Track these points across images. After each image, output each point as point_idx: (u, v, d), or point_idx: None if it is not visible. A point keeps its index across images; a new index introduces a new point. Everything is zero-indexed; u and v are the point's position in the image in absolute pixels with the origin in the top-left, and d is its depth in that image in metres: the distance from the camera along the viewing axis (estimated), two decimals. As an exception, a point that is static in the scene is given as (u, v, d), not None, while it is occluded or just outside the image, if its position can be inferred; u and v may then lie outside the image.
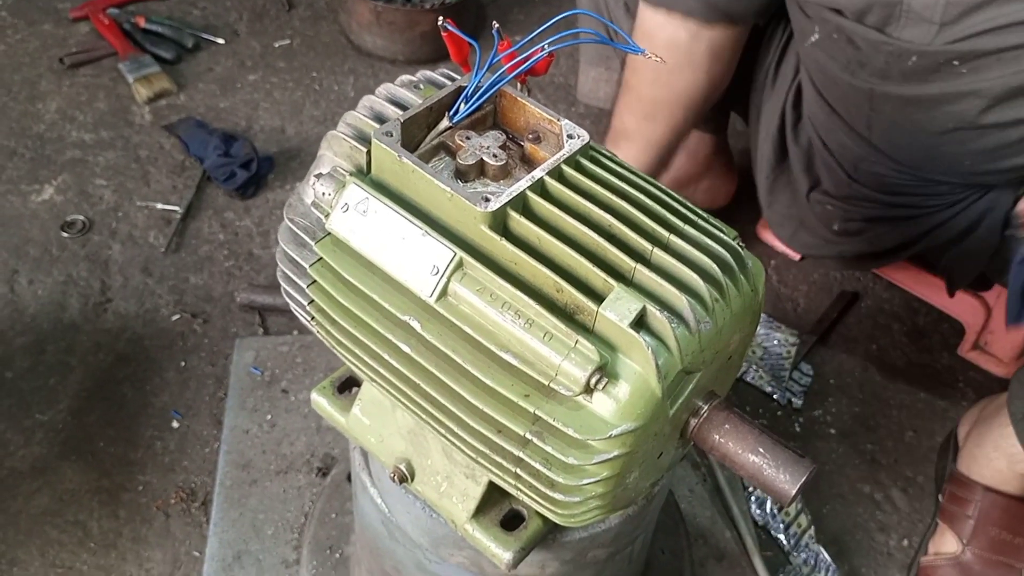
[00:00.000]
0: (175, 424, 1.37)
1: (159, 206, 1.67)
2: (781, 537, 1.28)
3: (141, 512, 1.28)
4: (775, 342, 1.53)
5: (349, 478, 1.10)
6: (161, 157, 1.77)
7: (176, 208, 1.67)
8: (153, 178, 1.73)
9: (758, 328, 1.52)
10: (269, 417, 1.35)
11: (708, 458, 1.33)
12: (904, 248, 1.28)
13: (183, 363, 1.45)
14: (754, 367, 1.48)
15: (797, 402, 1.46)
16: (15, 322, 1.48)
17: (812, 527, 1.30)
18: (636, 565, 1.02)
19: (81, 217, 1.64)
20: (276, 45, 2.04)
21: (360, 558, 1.11)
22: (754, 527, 1.28)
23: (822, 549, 1.27)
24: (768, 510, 1.30)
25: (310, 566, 1.18)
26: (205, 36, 2.02)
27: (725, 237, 0.70)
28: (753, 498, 1.31)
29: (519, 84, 0.81)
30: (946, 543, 1.26)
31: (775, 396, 1.46)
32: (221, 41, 2.02)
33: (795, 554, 1.27)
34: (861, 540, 1.33)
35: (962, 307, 1.50)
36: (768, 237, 1.66)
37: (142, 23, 1.99)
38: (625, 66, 1.35)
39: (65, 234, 1.61)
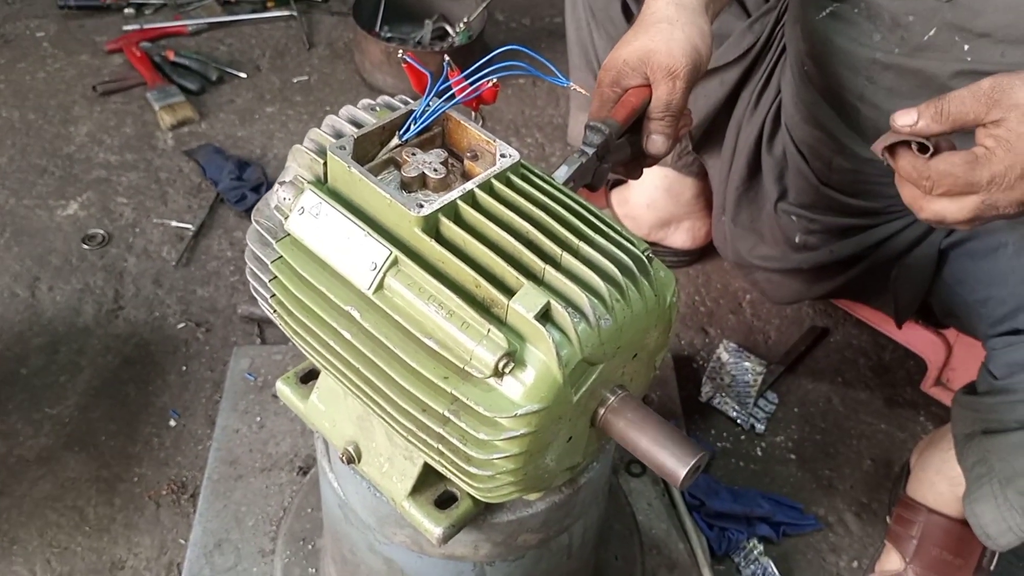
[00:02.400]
0: (172, 423, 1.48)
1: (174, 224, 1.80)
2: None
3: (135, 501, 1.38)
4: (744, 370, 1.60)
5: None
6: (179, 179, 1.89)
7: (189, 226, 1.79)
8: (170, 198, 1.85)
9: (728, 356, 1.60)
10: (259, 419, 1.44)
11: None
12: (857, 261, 1.34)
13: (184, 367, 1.56)
14: (721, 393, 1.56)
15: (760, 427, 1.53)
16: (33, 324, 1.60)
17: (761, 544, 1.36)
18: (577, 562, 1.09)
19: (101, 231, 1.77)
20: (294, 80, 2.18)
21: (327, 547, 1.19)
22: (706, 542, 1.34)
23: (771, 563, 1.33)
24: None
25: (284, 555, 1.26)
26: (229, 70, 2.16)
27: (633, 248, 0.79)
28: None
29: (473, 113, 0.92)
30: (890, 562, 1.32)
31: (739, 421, 1.53)
32: (243, 75, 2.16)
33: (744, 567, 1.33)
34: (812, 560, 1.39)
35: (924, 344, 1.56)
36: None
37: (171, 56, 2.13)
38: None
39: (86, 246, 1.74)
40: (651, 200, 1.72)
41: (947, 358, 1.55)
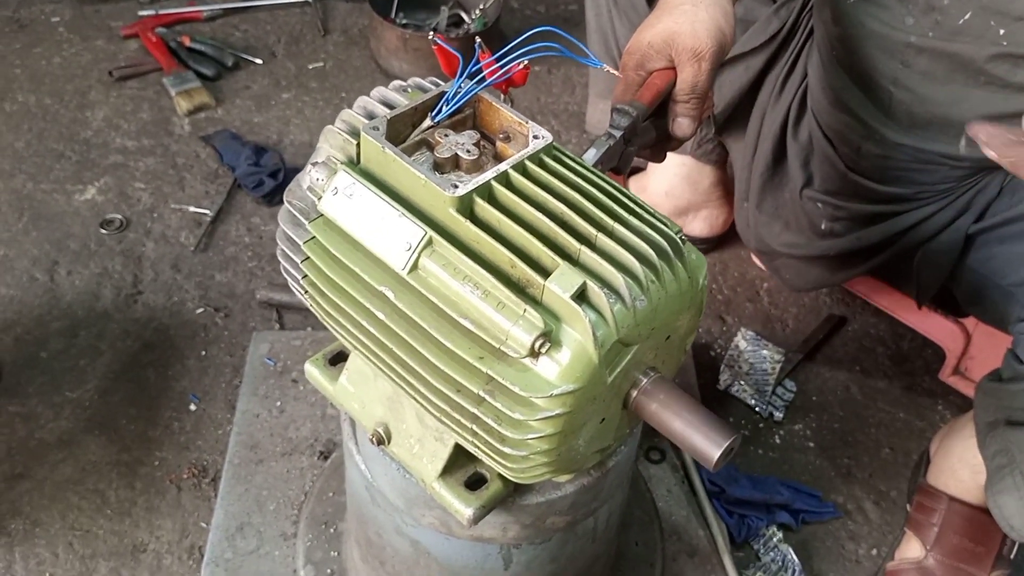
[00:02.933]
0: (192, 407, 1.48)
1: (191, 209, 1.80)
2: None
3: (156, 485, 1.38)
4: (762, 358, 1.60)
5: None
6: (196, 165, 1.89)
7: (207, 211, 1.79)
8: (188, 183, 1.85)
9: (746, 344, 1.60)
10: (279, 404, 1.45)
11: (684, 460, 1.40)
12: (884, 248, 1.33)
13: (204, 352, 1.56)
14: (739, 381, 1.56)
15: (778, 415, 1.53)
16: (52, 308, 1.60)
17: (780, 531, 1.36)
18: (601, 545, 1.10)
19: (119, 216, 1.77)
20: (310, 67, 2.17)
21: (350, 530, 1.20)
22: (726, 528, 1.35)
23: (790, 549, 1.33)
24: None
25: (306, 539, 1.27)
26: (245, 56, 2.16)
27: (667, 229, 0.79)
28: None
29: (501, 94, 0.91)
30: (911, 549, 1.32)
31: (757, 409, 1.53)
32: (259, 61, 2.16)
33: (764, 553, 1.34)
34: (831, 547, 1.39)
35: (943, 333, 1.56)
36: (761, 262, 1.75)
37: (187, 42, 2.13)
38: None
39: (104, 231, 1.74)
40: (670, 188, 1.72)
41: (965, 347, 1.55)
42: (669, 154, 1.71)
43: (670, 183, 1.72)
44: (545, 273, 0.73)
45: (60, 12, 2.25)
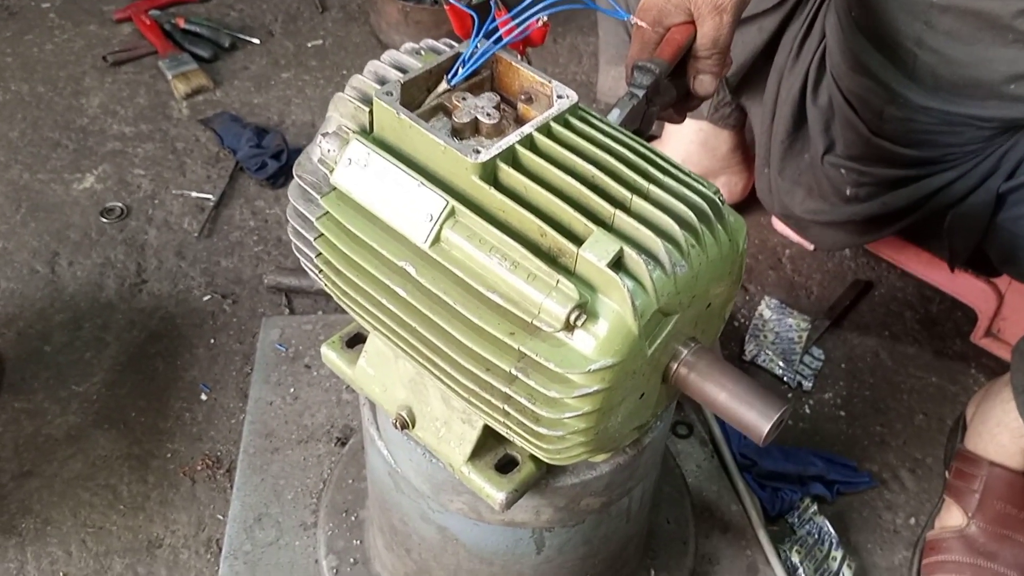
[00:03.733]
0: (203, 396, 1.44)
1: (193, 194, 1.75)
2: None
3: (169, 477, 1.34)
4: (787, 327, 1.55)
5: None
6: (197, 149, 1.84)
7: (209, 196, 1.74)
8: (188, 168, 1.80)
9: (770, 313, 1.56)
10: (292, 390, 1.40)
11: (713, 433, 1.36)
12: (911, 211, 1.29)
13: (212, 340, 1.51)
14: (765, 350, 1.51)
15: (807, 384, 1.48)
16: (55, 300, 1.55)
17: (815, 504, 1.32)
18: (635, 525, 1.06)
19: (120, 204, 1.72)
20: (309, 45, 2.12)
21: (373, 518, 1.16)
22: (759, 503, 1.30)
23: (826, 521, 1.29)
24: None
25: (327, 528, 1.23)
26: (241, 36, 2.10)
27: (704, 189, 0.74)
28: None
29: (519, 55, 0.86)
30: (952, 517, 1.28)
31: (785, 378, 1.49)
32: (256, 41, 2.10)
33: (799, 527, 1.29)
34: (868, 517, 1.35)
35: (974, 294, 1.51)
36: (782, 228, 1.69)
37: (182, 24, 2.07)
38: None
39: (104, 220, 1.69)
40: (687, 155, 1.66)
41: (998, 308, 1.50)
42: (686, 120, 1.67)
43: (687, 150, 1.66)
44: (578, 241, 0.68)
45: (50, -2, 2.19)
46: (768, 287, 1.64)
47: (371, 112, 0.77)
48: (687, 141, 1.65)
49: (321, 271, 0.83)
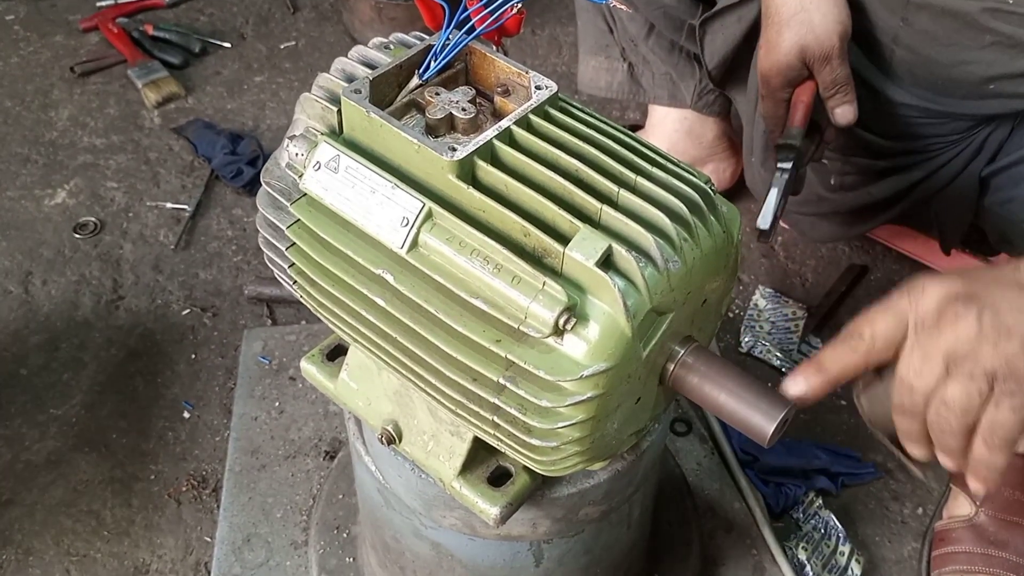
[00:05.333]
0: (186, 414, 1.39)
1: (169, 205, 1.70)
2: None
3: (153, 500, 1.29)
4: (783, 316, 1.52)
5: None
6: (170, 158, 1.79)
7: (185, 207, 1.69)
8: (163, 179, 1.75)
9: (765, 302, 1.52)
10: (277, 404, 1.36)
11: (712, 430, 1.32)
12: (897, 200, 1.28)
13: (194, 356, 1.47)
14: (762, 341, 1.47)
15: (806, 374, 1.45)
16: (29, 321, 1.51)
17: (820, 498, 1.28)
18: (637, 532, 1.02)
19: (93, 219, 1.67)
20: (282, 47, 2.07)
21: (365, 535, 1.12)
22: (763, 499, 1.27)
23: (832, 515, 1.25)
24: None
25: (318, 546, 1.18)
26: (212, 41, 2.05)
27: (695, 179, 0.70)
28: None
29: (494, 45, 0.82)
30: (959, 506, 1.24)
31: (783, 369, 1.45)
32: (227, 45, 2.05)
33: (804, 522, 1.26)
34: (875, 509, 1.31)
35: (972, 274, 1.48)
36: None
37: (150, 31, 2.02)
38: None
39: (77, 235, 1.64)
40: (672, 144, 1.62)
41: (997, 287, 1.47)
42: (670, 108, 1.63)
43: (671, 139, 1.62)
44: (564, 239, 0.64)
45: (14, 9, 2.13)
46: (762, 276, 1.60)
47: (339, 112, 0.73)
48: (671, 130, 1.61)
49: (295, 282, 0.79)
